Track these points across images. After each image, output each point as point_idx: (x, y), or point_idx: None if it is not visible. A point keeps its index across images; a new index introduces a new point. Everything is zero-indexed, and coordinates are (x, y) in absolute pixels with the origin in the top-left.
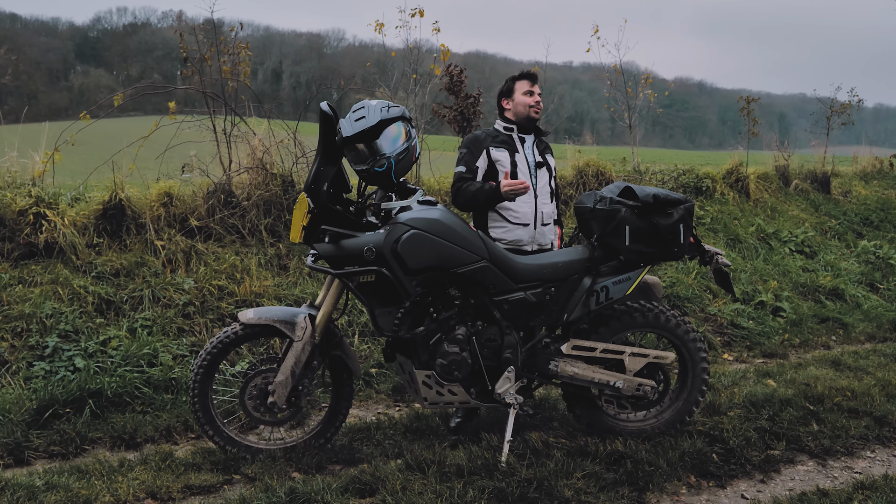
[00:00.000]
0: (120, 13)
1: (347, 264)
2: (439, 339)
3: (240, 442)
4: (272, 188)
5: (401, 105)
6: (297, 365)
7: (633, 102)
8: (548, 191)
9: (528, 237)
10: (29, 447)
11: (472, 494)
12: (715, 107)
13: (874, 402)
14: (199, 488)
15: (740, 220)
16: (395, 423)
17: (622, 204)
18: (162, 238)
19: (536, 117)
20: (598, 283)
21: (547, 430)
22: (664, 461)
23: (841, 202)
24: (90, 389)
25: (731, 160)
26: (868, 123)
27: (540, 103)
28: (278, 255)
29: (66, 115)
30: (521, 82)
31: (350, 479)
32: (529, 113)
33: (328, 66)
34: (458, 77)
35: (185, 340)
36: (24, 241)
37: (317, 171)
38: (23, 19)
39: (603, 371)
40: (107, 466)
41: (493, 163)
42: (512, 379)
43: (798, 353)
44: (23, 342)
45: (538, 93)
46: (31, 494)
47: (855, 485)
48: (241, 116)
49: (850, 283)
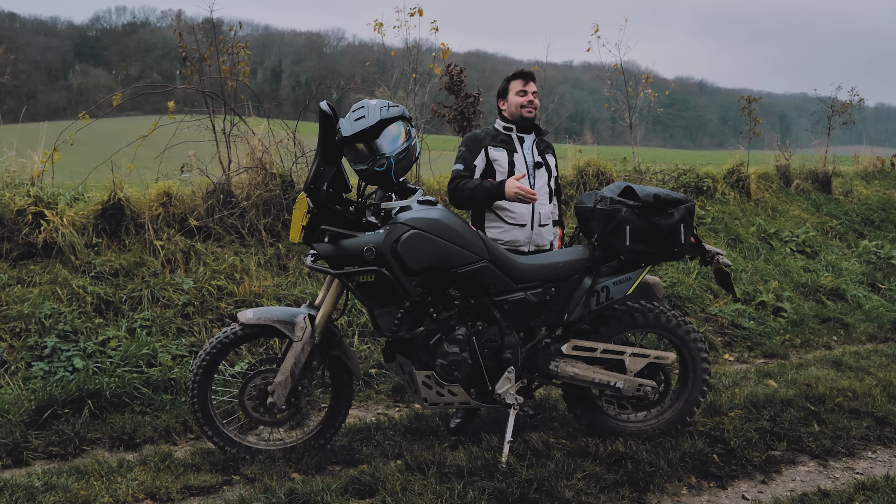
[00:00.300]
0: (119, 12)
1: (347, 264)
2: (439, 340)
3: (239, 442)
4: (272, 188)
5: (400, 104)
6: (296, 365)
7: (633, 102)
8: (546, 191)
9: (525, 238)
10: (28, 448)
11: (473, 495)
12: (716, 106)
13: (875, 403)
14: (198, 489)
15: (741, 220)
16: (394, 423)
17: (623, 204)
18: (161, 238)
19: (530, 116)
20: (598, 284)
21: (547, 431)
22: (665, 462)
23: (842, 202)
24: (89, 390)
25: (731, 160)
26: (869, 123)
27: (533, 102)
28: (278, 255)
29: (64, 115)
30: (514, 82)
31: (350, 479)
32: (522, 113)
33: (328, 66)
34: (458, 76)
35: (185, 341)
36: (22, 241)
37: (316, 170)
38: (21, 18)
39: (603, 371)
40: (106, 467)
41: (491, 162)
42: (512, 379)
43: (799, 353)
44: (21, 342)
45: (532, 91)
46: (29, 495)
47: (856, 485)
48: (241, 116)
49: (851, 283)
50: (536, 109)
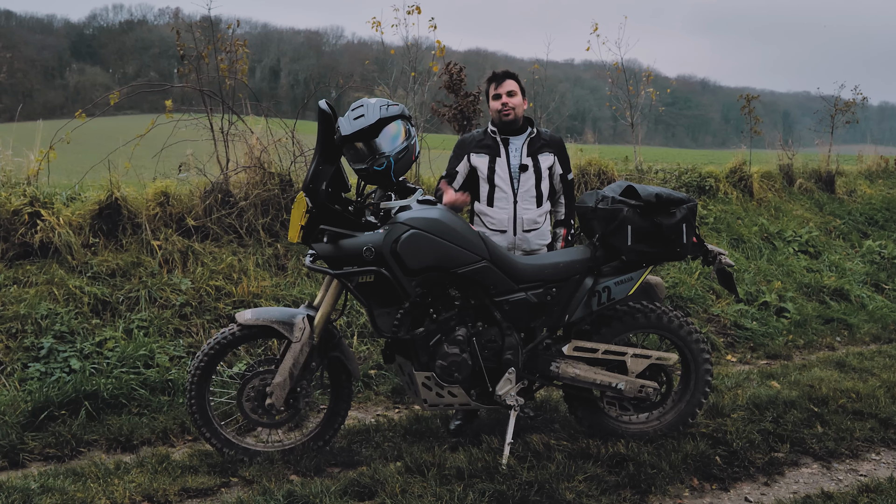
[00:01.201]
0: (116, 10)
1: (346, 264)
2: (439, 341)
3: (237, 444)
4: (270, 187)
5: (400, 103)
6: (295, 366)
7: (634, 100)
8: (532, 195)
9: (508, 243)
10: (24, 449)
11: (473, 497)
12: (718, 105)
13: (879, 404)
14: (196, 491)
15: (744, 220)
16: (394, 425)
17: (624, 203)
18: (158, 238)
19: (508, 119)
20: (599, 284)
21: (548, 433)
22: (667, 464)
23: (845, 201)
24: (86, 391)
25: (734, 159)
26: (873, 122)
27: (508, 104)
28: (276, 255)
29: (61, 114)
30: (489, 87)
31: (349, 481)
32: (499, 117)
33: (326, 64)
34: (458, 75)
35: (182, 341)
36: (18, 241)
37: (315, 169)
38: (18, 16)
39: (605, 372)
40: (103, 469)
41: (474, 168)
42: (513, 380)
43: (802, 354)
44: (18, 343)
45: (506, 92)
46: (26, 497)
47: (860, 488)
48: (239, 115)
49: (854, 283)
50: (515, 109)
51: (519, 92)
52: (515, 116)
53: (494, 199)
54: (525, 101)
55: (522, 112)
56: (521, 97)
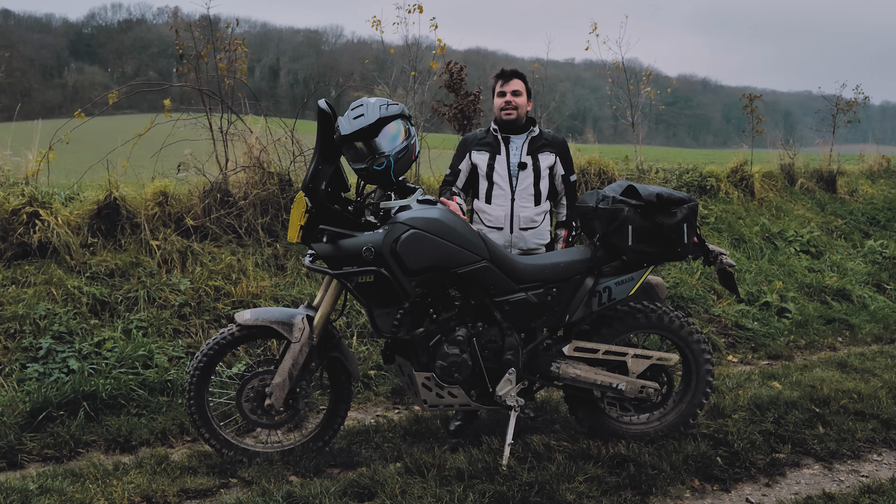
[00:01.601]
0: (115, 9)
1: (346, 264)
2: (439, 341)
3: (236, 445)
4: (269, 187)
5: (400, 103)
6: (294, 367)
7: (635, 100)
8: (530, 193)
9: (504, 241)
10: (22, 450)
11: (473, 498)
12: (719, 104)
13: (881, 405)
14: (195, 492)
15: (745, 220)
16: (394, 425)
17: (625, 203)
18: (157, 238)
19: (509, 118)
20: (600, 284)
21: (548, 433)
22: (667, 464)
23: (847, 201)
24: (84, 392)
25: (735, 159)
26: (874, 121)
27: (511, 102)
28: (275, 255)
29: (60, 113)
30: (496, 83)
31: (348, 482)
32: (501, 115)
33: (326, 63)
34: (459, 74)
35: (181, 342)
36: (17, 241)
37: (315, 169)
38: (16, 15)
39: (605, 373)
40: (101, 470)
41: (474, 166)
42: (513, 381)
43: (803, 354)
44: (16, 344)
45: (511, 91)
46: (24, 498)
47: (861, 488)
48: (238, 114)
49: (856, 283)
50: (517, 109)
51: (524, 93)
52: (517, 116)
53: (492, 197)
54: (530, 103)
55: (525, 113)
56: (526, 98)
